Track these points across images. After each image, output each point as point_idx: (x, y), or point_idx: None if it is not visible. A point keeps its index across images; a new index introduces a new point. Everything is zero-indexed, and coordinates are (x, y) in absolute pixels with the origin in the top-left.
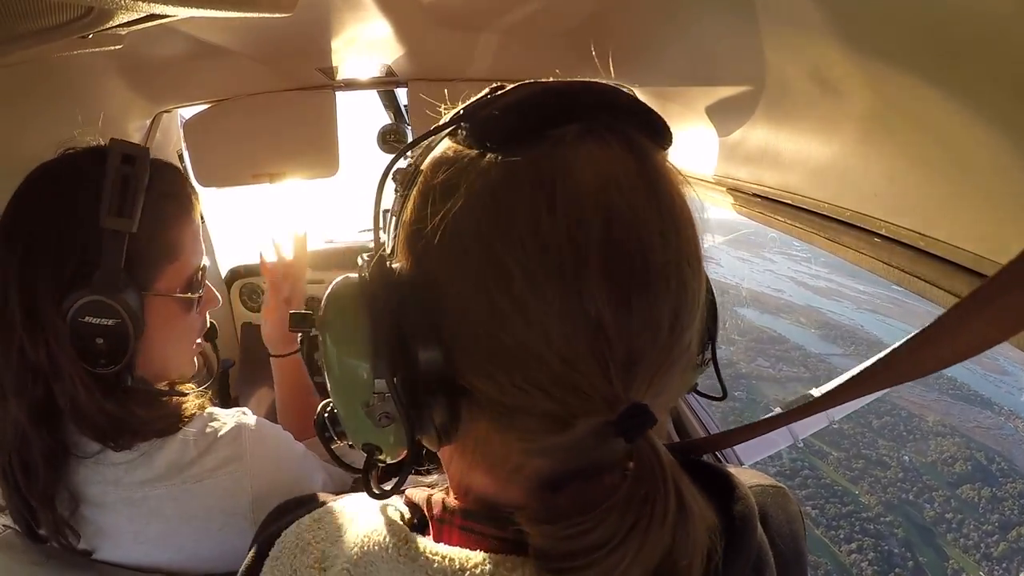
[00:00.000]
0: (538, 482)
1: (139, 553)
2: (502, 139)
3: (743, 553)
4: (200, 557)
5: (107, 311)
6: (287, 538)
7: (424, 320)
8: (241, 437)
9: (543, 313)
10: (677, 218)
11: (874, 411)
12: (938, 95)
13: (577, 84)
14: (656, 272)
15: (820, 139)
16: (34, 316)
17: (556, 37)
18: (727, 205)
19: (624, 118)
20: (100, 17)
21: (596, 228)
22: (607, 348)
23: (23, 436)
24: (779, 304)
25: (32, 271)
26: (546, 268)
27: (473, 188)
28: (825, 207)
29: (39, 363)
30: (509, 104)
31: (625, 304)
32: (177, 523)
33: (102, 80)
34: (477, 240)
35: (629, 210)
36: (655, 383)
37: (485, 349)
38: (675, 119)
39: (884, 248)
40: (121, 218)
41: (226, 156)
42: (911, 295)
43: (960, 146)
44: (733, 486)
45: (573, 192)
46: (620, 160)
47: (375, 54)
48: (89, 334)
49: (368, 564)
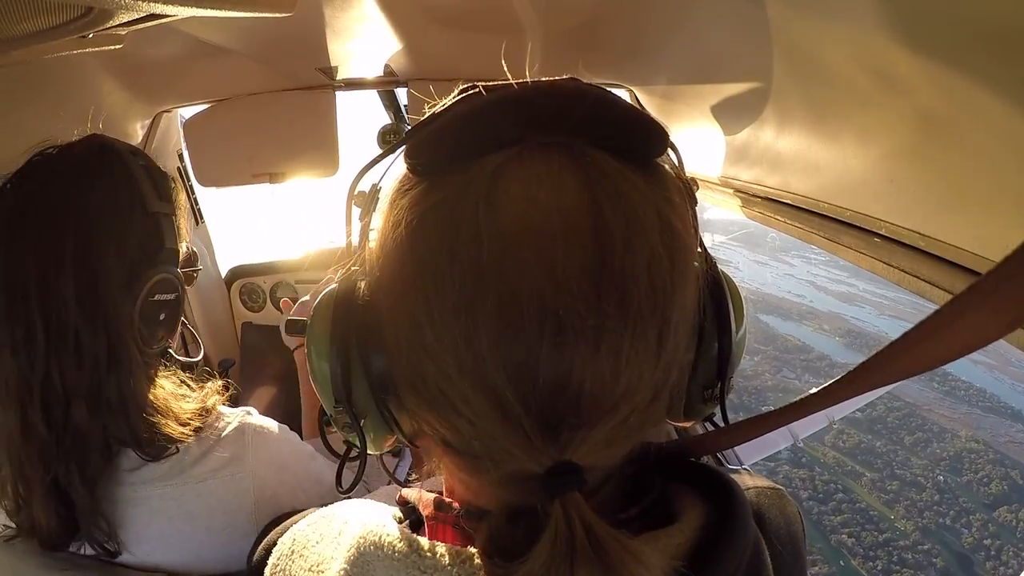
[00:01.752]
0: (498, 506)
1: (141, 552)
2: (429, 168)
3: (736, 552)
4: (202, 557)
5: (171, 286)
6: (283, 547)
7: (372, 346)
8: (244, 437)
9: (454, 370)
10: (625, 255)
11: (905, 426)
12: (938, 95)
13: (528, 94)
14: (580, 323)
15: (820, 140)
16: (94, 305)
17: (557, 36)
18: (727, 205)
19: (579, 131)
20: (100, 17)
21: (497, 285)
22: (521, 411)
23: (83, 441)
24: (801, 310)
25: (92, 261)
26: (449, 328)
27: (408, 221)
28: (825, 207)
29: (97, 354)
30: (442, 128)
31: (531, 365)
32: (180, 523)
33: (102, 80)
34: (402, 282)
35: (550, 258)
36: (592, 438)
37: (414, 388)
38: (676, 119)
39: (884, 248)
40: (163, 201)
41: (226, 156)
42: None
43: (960, 146)
44: (726, 486)
45: (484, 234)
46: (553, 190)
47: (375, 54)
48: (156, 310)
49: (365, 564)
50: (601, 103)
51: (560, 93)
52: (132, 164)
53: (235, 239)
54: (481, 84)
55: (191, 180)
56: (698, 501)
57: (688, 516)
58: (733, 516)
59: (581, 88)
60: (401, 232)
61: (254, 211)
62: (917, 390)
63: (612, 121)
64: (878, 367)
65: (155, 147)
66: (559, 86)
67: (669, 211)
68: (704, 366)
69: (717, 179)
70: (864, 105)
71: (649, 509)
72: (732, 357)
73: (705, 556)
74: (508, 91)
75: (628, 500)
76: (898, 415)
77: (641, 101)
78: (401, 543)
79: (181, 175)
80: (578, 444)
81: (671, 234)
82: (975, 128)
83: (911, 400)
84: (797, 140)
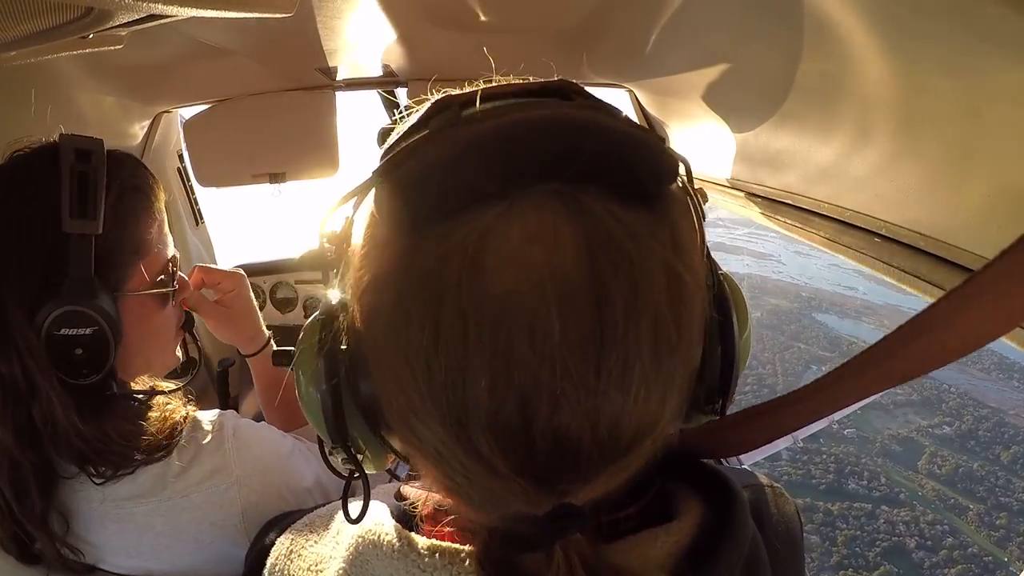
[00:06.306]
0: (493, 528)
1: (135, 565)
2: (408, 220)
3: (734, 551)
4: (196, 567)
5: (83, 320)
6: (280, 548)
7: (364, 387)
8: (224, 446)
9: (447, 438)
10: (627, 326)
11: (998, 439)
12: (939, 95)
13: (514, 130)
14: (578, 403)
15: (820, 140)
16: (4, 333)
17: (557, 36)
18: (727, 204)
19: (576, 178)
20: (100, 17)
21: (486, 365)
22: (516, 477)
23: (12, 461)
24: (856, 306)
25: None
26: (439, 404)
27: (381, 267)
28: (825, 207)
29: (16, 382)
30: (419, 176)
31: (527, 440)
32: (168, 538)
33: (103, 80)
34: (386, 350)
35: (544, 335)
36: (592, 487)
37: (408, 442)
38: (676, 118)
39: (884, 248)
40: (83, 220)
41: (226, 156)
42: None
43: (961, 146)
44: (725, 485)
45: (470, 309)
46: (547, 255)
47: (375, 54)
48: (66, 346)
49: (364, 563)
50: (599, 137)
51: (551, 129)
52: (64, 174)
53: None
54: (457, 97)
55: (191, 180)
56: (697, 500)
57: (686, 515)
58: (731, 515)
59: (575, 119)
60: (382, 296)
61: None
62: (996, 391)
63: (612, 157)
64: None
65: (155, 147)
66: (550, 117)
67: (676, 261)
68: (707, 382)
69: (717, 178)
70: (864, 105)
71: (647, 508)
72: (736, 373)
73: (703, 555)
74: (488, 125)
75: (627, 499)
76: (988, 426)
77: (641, 101)
78: (399, 541)
79: (181, 175)
80: (577, 491)
81: (677, 287)
82: (975, 128)
83: (995, 406)
84: (797, 140)
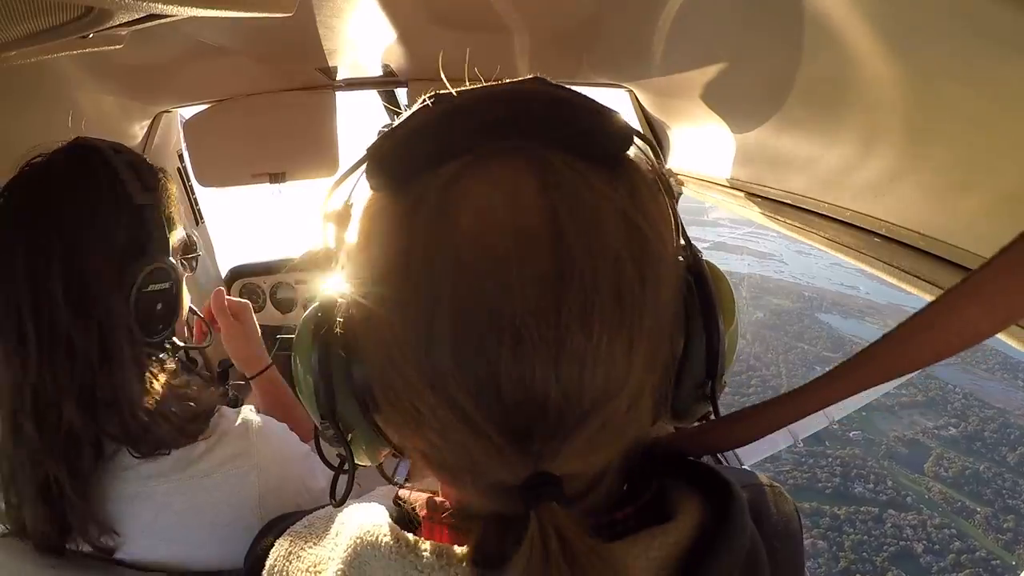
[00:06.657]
0: (486, 513)
1: (145, 546)
2: (386, 185)
3: (732, 552)
4: (206, 552)
5: (165, 275)
6: (278, 550)
7: (354, 360)
8: (249, 433)
9: (420, 384)
10: (585, 264)
11: (1004, 440)
12: (939, 95)
13: (479, 99)
14: (539, 335)
15: (820, 140)
16: (85, 305)
17: (557, 36)
18: (727, 204)
19: (535, 134)
20: (100, 17)
21: (452, 301)
22: (486, 423)
23: (71, 435)
24: (860, 305)
25: (80, 261)
26: (412, 345)
27: (369, 239)
28: (825, 207)
29: (89, 353)
30: (396, 143)
31: (493, 378)
32: (186, 517)
33: (103, 80)
34: (368, 299)
35: (506, 271)
36: (567, 448)
37: (389, 402)
38: (676, 118)
39: (884, 248)
40: (149, 192)
41: (226, 156)
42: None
43: (960, 146)
44: (724, 484)
45: (436, 249)
46: (507, 199)
47: (375, 54)
48: (151, 302)
49: (362, 564)
50: (557, 102)
51: (513, 95)
52: (115, 161)
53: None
54: (439, 91)
55: (191, 180)
56: (695, 500)
57: (684, 515)
58: (730, 515)
59: (537, 88)
60: (364, 250)
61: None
62: (1001, 391)
63: (569, 120)
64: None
65: (155, 147)
66: (512, 88)
67: (635, 212)
68: (691, 364)
69: (717, 178)
70: (864, 105)
71: (645, 508)
72: (722, 353)
73: (702, 555)
74: (458, 98)
75: (624, 499)
76: (993, 427)
77: (641, 101)
78: (397, 543)
79: (181, 175)
80: (552, 455)
81: (637, 237)
82: (975, 128)
83: (1000, 406)
84: (797, 140)
